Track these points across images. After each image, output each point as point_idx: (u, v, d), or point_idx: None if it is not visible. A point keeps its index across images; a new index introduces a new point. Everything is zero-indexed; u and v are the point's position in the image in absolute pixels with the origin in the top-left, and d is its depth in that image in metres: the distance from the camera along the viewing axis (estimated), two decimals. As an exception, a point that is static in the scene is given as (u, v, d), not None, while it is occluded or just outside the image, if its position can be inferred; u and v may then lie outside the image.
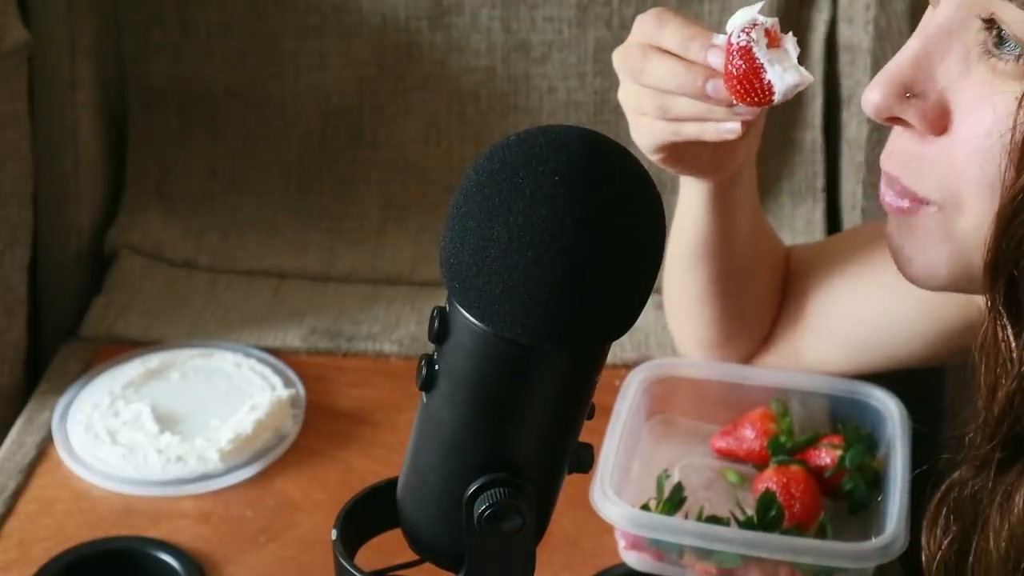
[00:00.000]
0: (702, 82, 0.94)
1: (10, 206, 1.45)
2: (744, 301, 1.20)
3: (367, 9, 1.57)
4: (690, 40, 0.95)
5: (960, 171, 0.78)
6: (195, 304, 1.52)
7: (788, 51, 0.92)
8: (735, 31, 0.92)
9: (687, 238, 1.15)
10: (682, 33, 0.96)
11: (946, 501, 0.83)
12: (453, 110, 1.60)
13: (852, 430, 1.19)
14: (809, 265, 1.23)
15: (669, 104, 0.97)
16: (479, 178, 0.67)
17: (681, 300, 1.22)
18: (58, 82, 1.52)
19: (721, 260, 1.16)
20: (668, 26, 0.97)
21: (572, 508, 0.97)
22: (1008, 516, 0.78)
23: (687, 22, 0.97)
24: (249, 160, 1.62)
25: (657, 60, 0.97)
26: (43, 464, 1.30)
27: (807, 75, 0.92)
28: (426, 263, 1.58)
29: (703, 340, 1.23)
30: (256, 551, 1.21)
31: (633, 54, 0.98)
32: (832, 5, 1.54)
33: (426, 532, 0.74)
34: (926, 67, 0.79)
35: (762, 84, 0.91)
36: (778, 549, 1.08)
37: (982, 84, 0.77)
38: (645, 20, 0.99)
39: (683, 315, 1.23)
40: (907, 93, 0.79)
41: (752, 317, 1.22)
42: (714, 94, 0.94)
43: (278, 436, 1.32)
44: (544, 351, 0.67)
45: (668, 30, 0.97)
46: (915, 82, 0.79)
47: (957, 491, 0.83)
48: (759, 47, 0.92)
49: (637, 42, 0.99)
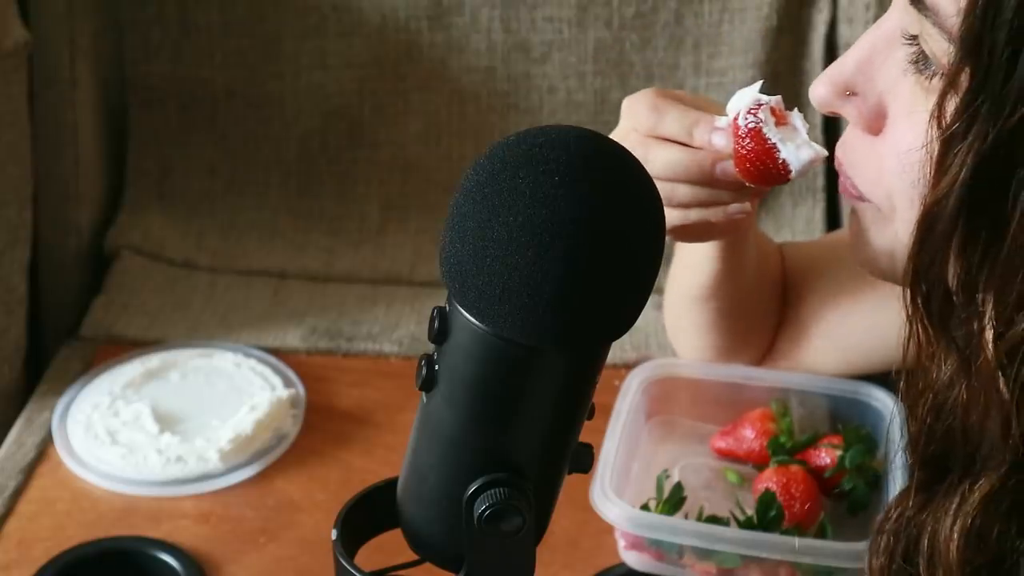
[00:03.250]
0: (709, 166, 0.94)
1: (10, 206, 1.45)
2: (749, 324, 1.21)
3: (367, 9, 1.57)
4: (692, 125, 0.94)
5: (889, 176, 0.79)
6: (195, 304, 1.52)
7: (797, 127, 0.91)
8: (741, 112, 0.91)
9: (694, 280, 1.15)
10: (683, 120, 0.95)
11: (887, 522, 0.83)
12: (453, 110, 1.60)
13: (852, 430, 1.19)
14: (804, 271, 1.23)
15: (672, 192, 0.96)
16: (479, 178, 0.67)
17: (685, 330, 1.22)
18: (58, 82, 1.52)
19: (729, 298, 1.16)
20: (667, 114, 0.96)
21: (572, 508, 0.97)
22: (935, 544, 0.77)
23: (685, 108, 0.96)
24: (249, 160, 1.62)
25: (659, 149, 0.95)
26: (43, 464, 1.30)
27: (821, 150, 0.91)
28: (426, 263, 1.58)
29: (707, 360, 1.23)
30: (256, 551, 1.21)
31: (632, 144, 0.96)
32: (832, 5, 1.54)
33: (426, 532, 0.74)
34: (867, 70, 0.80)
35: (776, 164, 0.90)
36: (778, 549, 1.08)
37: (910, 96, 0.77)
38: (638, 108, 0.97)
39: (687, 341, 1.23)
40: (847, 92, 0.81)
41: (756, 334, 1.23)
42: (723, 177, 0.93)
43: (278, 436, 1.32)
44: (544, 351, 0.67)
45: (668, 119, 0.95)
46: (856, 83, 0.80)
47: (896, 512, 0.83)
48: (768, 127, 0.91)
49: (636, 132, 0.97)
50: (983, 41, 0.69)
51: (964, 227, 0.72)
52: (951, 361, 0.75)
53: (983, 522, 0.75)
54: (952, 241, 0.73)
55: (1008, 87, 0.68)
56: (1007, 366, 0.71)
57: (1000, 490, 0.75)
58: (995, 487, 0.75)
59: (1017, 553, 0.75)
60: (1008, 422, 0.72)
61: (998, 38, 0.68)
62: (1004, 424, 0.72)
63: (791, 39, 1.55)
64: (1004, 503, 0.75)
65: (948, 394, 0.76)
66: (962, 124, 0.70)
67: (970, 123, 0.70)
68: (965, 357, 0.74)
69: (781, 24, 1.54)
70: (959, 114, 0.70)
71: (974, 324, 0.73)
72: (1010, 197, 0.69)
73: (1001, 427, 0.73)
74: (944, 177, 0.71)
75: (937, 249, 0.73)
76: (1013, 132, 0.69)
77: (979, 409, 0.74)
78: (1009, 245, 0.70)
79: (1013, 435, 0.72)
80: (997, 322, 0.71)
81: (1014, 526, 0.75)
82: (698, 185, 0.95)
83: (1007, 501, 0.75)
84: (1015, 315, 0.71)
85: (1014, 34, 0.68)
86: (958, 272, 0.73)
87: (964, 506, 0.76)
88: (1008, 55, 0.68)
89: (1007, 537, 0.75)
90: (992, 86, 0.69)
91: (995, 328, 0.71)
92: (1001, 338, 0.71)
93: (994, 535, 0.75)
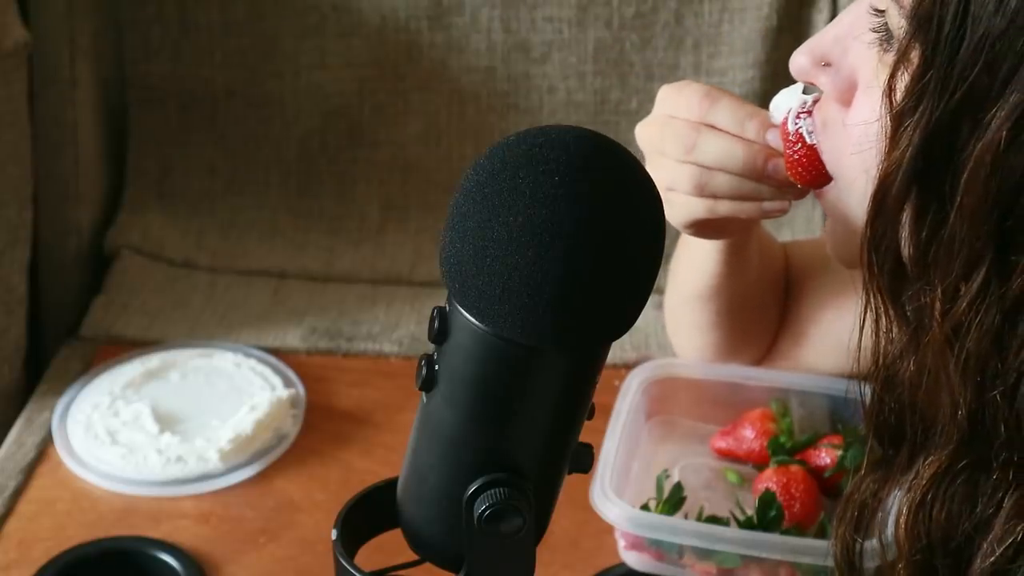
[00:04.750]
0: (762, 162, 0.94)
1: (10, 206, 1.45)
2: (751, 323, 1.21)
3: (367, 9, 1.57)
4: (747, 119, 0.95)
5: (850, 147, 0.80)
6: (195, 304, 1.52)
7: None
8: (790, 116, 0.91)
9: (697, 278, 1.15)
10: (737, 111, 0.95)
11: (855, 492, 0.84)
12: (453, 110, 1.60)
13: (852, 430, 1.19)
14: (804, 268, 1.23)
15: (709, 180, 0.96)
16: (479, 178, 0.67)
17: (686, 328, 1.22)
18: (58, 82, 1.52)
19: (732, 298, 1.15)
20: (720, 102, 0.96)
21: (572, 508, 0.97)
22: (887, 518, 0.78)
23: (740, 100, 0.96)
24: (249, 160, 1.62)
25: (712, 136, 0.95)
26: (43, 464, 1.30)
27: None
28: (426, 263, 1.58)
29: (707, 359, 1.23)
30: (256, 551, 1.21)
31: (679, 130, 0.96)
32: (832, 5, 1.54)
33: (426, 532, 0.74)
34: (843, 42, 0.82)
35: (826, 167, 0.90)
36: (778, 549, 1.08)
37: (872, 71, 0.79)
38: (687, 94, 0.97)
39: (688, 339, 1.23)
40: (823, 62, 0.84)
41: (757, 334, 1.22)
42: (774, 174, 0.93)
43: (278, 436, 1.32)
44: (544, 351, 0.67)
45: (721, 107, 0.96)
46: (831, 55, 0.83)
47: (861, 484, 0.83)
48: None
49: (685, 119, 0.97)
50: (932, 17, 0.70)
51: (914, 201, 0.73)
52: (902, 334, 0.76)
53: (932, 498, 0.76)
54: (902, 216, 0.74)
55: (954, 64, 0.70)
56: (954, 342, 0.72)
57: (949, 468, 0.75)
58: (944, 464, 0.75)
59: (966, 532, 0.75)
60: (956, 399, 0.73)
61: (946, 15, 0.70)
62: (952, 401, 0.73)
63: (791, 39, 1.54)
64: (955, 481, 0.75)
65: (899, 366, 0.77)
66: (911, 100, 0.72)
67: (919, 99, 0.71)
68: (914, 331, 0.75)
69: (781, 24, 1.54)
70: (909, 90, 0.72)
71: (924, 298, 0.74)
72: (954, 173, 0.71)
73: (950, 404, 0.73)
74: (894, 152, 0.73)
75: (889, 221, 0.75)
76: (957, 109, 0.70)
77: (929, 384, 0.75)
78: (953, 220, 0.71)
79: (960, 413, 0.73)
80: (944, 297, 0.72)
81: (965, 505, 0.75)
82: (744, 178, 0.95)
83: (958, 479, 0.75)
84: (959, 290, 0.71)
85: (962, 12, 0.69)
86: (909, 246, 0.74)
87: (915, 482, 0.77)
88: (955, 32, 0.69)
89: (957, 516, 0.75)
90: (940, 63, 0.70)
91: (942, 304, 0.72)
92: (947, 314, 0.72)
93: (943, 513, 0.75)
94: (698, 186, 0.96)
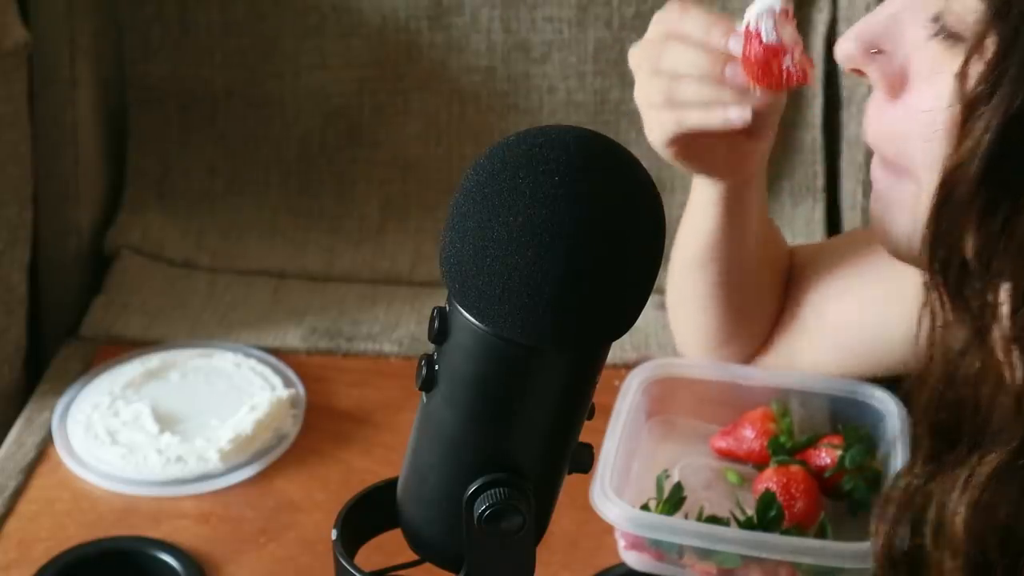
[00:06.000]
0: (720, 66, 0.94)
1: (10, 206, 1.45)
2: (748, 302, 1.20)
3: (367, 9, 1.57)
4: (711, 25, 0.96)
5: (911, 140, 0.79)
6: (195, 304, 1.52)
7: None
8: (752, 19, 0.92)
9: (697, 239, 1.15)
10: (704, 19, 0.96)
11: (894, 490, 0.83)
12: (453, 110, 1.60)
13: (852, 430, 1.19)
14: (807, 267, 1.23)
15: (675, 90, 0.97)
16: (479, 178, 0.67)
17: (686, 300, 1.22)
18: (58, 82, 1.52)
19: (729, 262, 1.16)
20: (690, 14, 0.97)
21: (572, 508, 0.97)
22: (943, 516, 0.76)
23: (710, 13, 0.97)
24: (249, 160, 1.62)
25: (675, 47, 0.97)
26: (43, 464, 1.30)
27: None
28: (426, 263, 1.58)
29: (706, 340, 1.23)
30: (256, 551, 1.21)
31: (651, 44, 0.99)
32: (832, 5, 1.54)
33: (426, 532, 0.74)
34: (895, 29, 0.80)
35: (780, 66, 0.91)
36: (778, 549, 1.08)
37: (934, 59, 0.77)
38: (666, 11, 0.99)
39: (687, 315, 1.23)
40: (873, 50, 0.80)
41: (755, 317, 1.22)
42: (732, 78, 0.94)
43: (278, 436, 1.32)
44: (544, 351, 0.67)
45: (690, 18, 0.97)
46: (883, 41, 0.80)
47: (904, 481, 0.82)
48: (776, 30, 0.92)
49: (656, 33, 0.99)
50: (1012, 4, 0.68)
51: (984, 195, 0.71)
52: (965, 331, 0.75)
53: (991, 497, 0.74)
54: (971, 209, 0.72)
55: None
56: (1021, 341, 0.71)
57: (1010, 466, 0.74)
58: (1005, 462, 0.74)
59: None
60: (1020, 398, 0.71)
61: None
62: (1016, 399, 0.72)
63: (791, 39, 1.54)
64: (1015, 479, 0.74)
65: (960, 363, 0.76)
66: (987, 87, 0.70)
67: (995, 87, 0.69)
68: (979, 328, 0.73)
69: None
70: (984, 77, 0.70)
71: (989, 296, 0.72)
72: None
73: (1013, 402, 0.72)
74: (966, 141, 0.71)
75: (956, 215, 0.73)
76: None
77: (991, 382, 0.73)
78: None
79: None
80: (1013, 295, 0.71)
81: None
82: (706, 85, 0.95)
83: (1018, 477, 0.74)
84: None
85: None
86: (976, 241, 0.72)
87: (973, 479, 0.75)
88: None
89: (1017, 515, 0.74)
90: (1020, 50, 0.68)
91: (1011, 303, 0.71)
92: (1016, 312, 0.70)
93: (1002, 511, 0.74)
94: (666, 97, 0.97)
